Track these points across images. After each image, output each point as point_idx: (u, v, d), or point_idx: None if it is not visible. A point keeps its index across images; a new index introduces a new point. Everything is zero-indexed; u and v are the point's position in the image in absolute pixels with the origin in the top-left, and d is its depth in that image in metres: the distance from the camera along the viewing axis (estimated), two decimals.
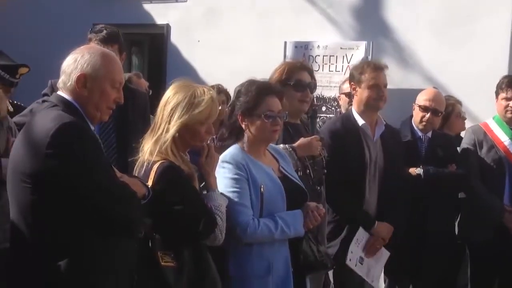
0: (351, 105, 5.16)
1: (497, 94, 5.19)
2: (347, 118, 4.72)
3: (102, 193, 2.70)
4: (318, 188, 4.12)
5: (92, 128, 2.89)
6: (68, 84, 2.82)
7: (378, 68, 4.60)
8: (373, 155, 4.64)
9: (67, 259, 2.66)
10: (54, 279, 2.67)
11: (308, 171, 4.03)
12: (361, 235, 4.53)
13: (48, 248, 2.68)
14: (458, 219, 5.27)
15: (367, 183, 4.61)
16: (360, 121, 4.62)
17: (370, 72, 4.57)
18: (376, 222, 4.58)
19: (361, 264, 4.51)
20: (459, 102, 5.58)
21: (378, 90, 4.57)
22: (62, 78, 2.85)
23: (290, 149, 3.95)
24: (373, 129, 4.68)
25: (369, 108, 4.61)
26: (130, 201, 2.79)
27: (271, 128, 3.52)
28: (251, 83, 3.60)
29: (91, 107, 2.84)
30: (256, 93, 3.50)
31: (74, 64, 2.83)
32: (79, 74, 2.80)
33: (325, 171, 4.22)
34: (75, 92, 2.82)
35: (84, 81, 2.80)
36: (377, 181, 4.66)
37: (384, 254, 4.67)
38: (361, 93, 4.61)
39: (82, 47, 2.95)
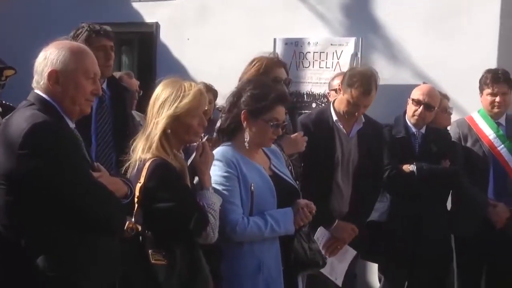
0: None
1: (481, 89, 5.24)
2: (323, 113, 4.74)
3: (76, 193, 2.70)
4: (298, 183, 4.14)
5: (72, 125, 2.87)
6: (42, 82, 2.82)
7: (366, 93, 4.50)
8: (346, 152, 4.66)
9: (46, 258, 2.66)
10: (33, 278, 2.67)
11: (290, 167, 4.05)
12: (321, 234, 4.53)
13: (25, 248, 2.67)
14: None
15: (339, 179, 4.62)
16: (334, 117, 4.66)
17: (357, 91, 4.50)
18: (337, 221, 4.60)
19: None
20: (446, 97, 5.61)
21: (356, 109, 4.56)
22: (35, 77, 2.85)
23: (280, 148, 3.96)
24: (351, 126, 4.69)
25: (345, 114, 4.64)
26: (107, 200, 2.78)
27: (271, 136, 3.55)
28: (267, 87, 3.58)
29: (67, 102, 2.83)
30: (272, 101, 3.49)
31: (44, 61, 2.83)
32: (50, 70, 2.80)
33: (302, 164, 4.24)
34: (49, 89, 2.81)
35: (56, 77, 2.80)
36: (351, 177, 4.67)
37: (350, 253, 4.69)
38: (342, 99, 4.62)
39: (51, 43, 2.93)
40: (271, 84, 3.68)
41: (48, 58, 2.82)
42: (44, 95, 2.82)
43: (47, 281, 2.67)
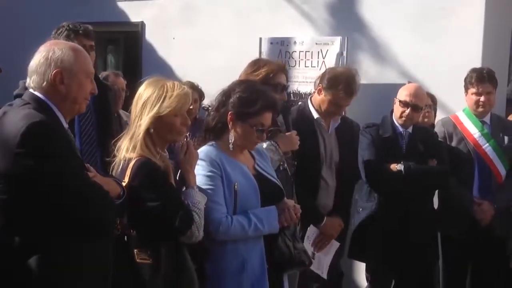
0: None
1: (466, 88, 5.25)
2: (303, 110, 4.83)
3: (71, 193, 2.69)
4: (293, 180, 4.17)
5: (66, 125, 2.86)
6: (44, 83, 2.79)
7: (350, 94, 4.69)
8: (328, 148, 4.78)
9: (37, 259, 2.64)
10: (25, 279, 2.65)
11: (284, 165, 4.06)
12: (311, 231, 4.60)
13: (18, 247, 2.66)
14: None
15: (324, 174, 4.69)
16: (315, 115, 4.77)
17: (341, 93, 4.66)
18: (325, 218, 4.69)
19: (313, 259, 4.58)
20: (430, 96, 5.62)
21: (338, 109, 4.76)
22: (33, 78, 2.81)
23: (276, 145, 3.98)
24: (328, 122, 4.83)
25: (325, 113, 4.78)
26: (102, 202, 2.78)
27: (255, 140, 3.56)
28: (257, 92, 3.55)
29: (69, 102, 2.83)
30: (260, 108, 3.49)
31: (46, 62, 2.80)
32: (55, 71, 2.78)
33: (295, 162, 4.27)
34: (51, 90, 2.79)
35: (61, 77, 2.78)
36: (334, 173, 4.77)
37: (334, 246, 4.80)
38: (323, 99, 4.75)
39: (46, 43, 2.91)
40: (261, 89, 3.64)
41: (50, 58, 2.80)
42: (39, 95, 2.80)
43: (39, 282, 2.66)
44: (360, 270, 5.81)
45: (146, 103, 3.16)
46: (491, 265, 5.17)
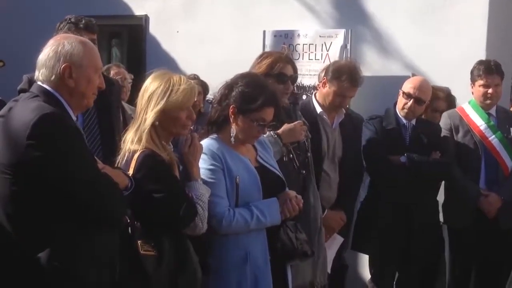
0: None
1: (473, 80, 5.23)
2: (307, 105, 4.84)
3: (84, 184, 2.70)
4: (303, 172, 4.16)
5: (74, 118, 2.88)
6: (53, 77, 2.80)
7: (354, 84, 4.74)
8: (331, 142, 4.81)
9: (48, 251, 2.65)
10: (35, 271, 2.66)
11: (291, 155, 4.06)
12: None
13: (28, 239, 2.67)
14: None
15: (325, 168, 4.70)
16: (319, 109, 4.80)
17: (345, 83, 4.71)
18: (326, 210, 4.71)
19: None
20: (441, 90, 5.59)
21: (343, 100, 4.80)
22: (42, 71, 2.82)
23: (275, 136, 3.98)
24: (333, 117, 4.86)
25: (329, 106, 4.80)
26: (112, 193, 2.80)
27: (256, 135, 3.57)
28: (259, 87, 3.55)
29: (77, 96, 2.84)
30: (262, 103, 3.49)
31: (55, 56, 2.80)
32: (64, 65, 2.79)
33: (309, 154, 4.27)
34: (60, 84, 2.80)
35: (69, 71, 2.79)
36: (337, 167, 4.81)
37: (337, 240, 4.83)
38: (328, 92, 4.78)
39: (56, 37, 2.93)
40: (264, 84, 3.64)
41: (60, 52, 2.81)
42: (48, 88, 2.81)
43: (46, 273, 2.66)
44: (365, 262, 5.81)
45: (152, 96, 3.17)
46: (497, 257, 5.16)
